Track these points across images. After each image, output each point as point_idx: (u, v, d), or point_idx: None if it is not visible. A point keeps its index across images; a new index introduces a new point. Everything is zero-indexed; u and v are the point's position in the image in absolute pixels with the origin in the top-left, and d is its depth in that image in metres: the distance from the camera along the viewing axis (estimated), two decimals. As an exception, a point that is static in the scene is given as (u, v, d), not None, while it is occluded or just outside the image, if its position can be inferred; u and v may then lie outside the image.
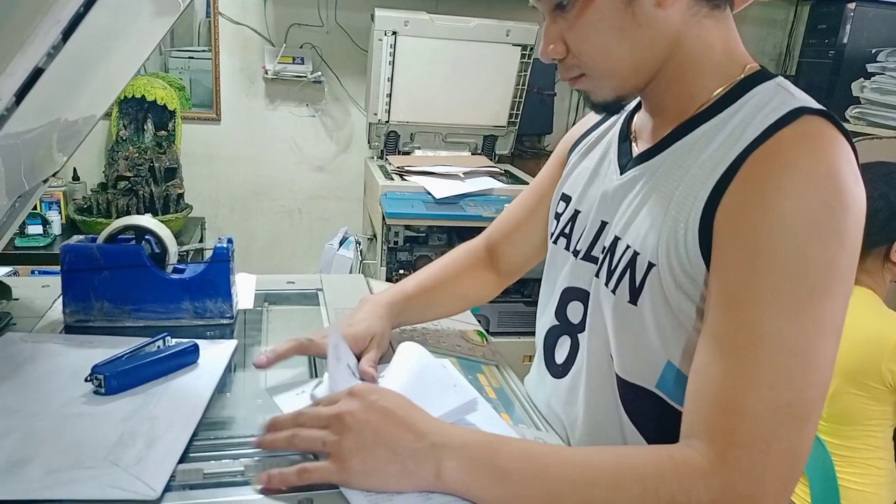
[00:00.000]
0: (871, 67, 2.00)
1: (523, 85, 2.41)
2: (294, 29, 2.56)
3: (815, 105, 0.64)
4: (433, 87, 2.36)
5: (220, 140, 2.66)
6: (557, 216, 0.88)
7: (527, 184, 2.38)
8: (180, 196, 2.38)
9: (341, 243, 2.49)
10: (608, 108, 0.75)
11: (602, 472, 0.59)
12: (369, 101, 2.39)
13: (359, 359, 0.81)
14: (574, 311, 0.82)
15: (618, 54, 0.68)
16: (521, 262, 1.00)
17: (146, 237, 0.95)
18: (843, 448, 1.35)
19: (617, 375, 0.73)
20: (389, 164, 2.37)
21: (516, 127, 2.51)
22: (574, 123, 2.85)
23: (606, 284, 0.74)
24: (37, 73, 0.63)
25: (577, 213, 0.84)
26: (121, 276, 0.92)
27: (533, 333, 0.92)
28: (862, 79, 2.03)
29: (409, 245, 2.13)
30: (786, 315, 0.57)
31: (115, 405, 0.72)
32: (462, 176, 2.20)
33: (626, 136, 0.80)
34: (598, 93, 0.73)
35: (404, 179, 2.20)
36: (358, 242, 2.42)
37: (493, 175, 2.27)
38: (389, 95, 2.34)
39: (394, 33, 2.23)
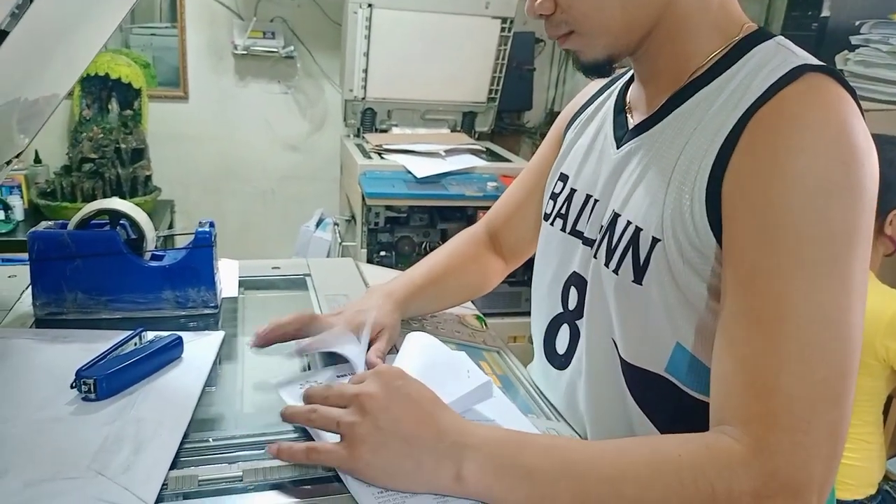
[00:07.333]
0: (854, 40, 1.98)
1: (503, 59, 2.35)
2: (264, 2, 2.46)
3: (818, 63, 0.60)
4: (411, 61, 2.29)
5: (189, 119, 2.56)
6: (554, 196, 0.84)
7: (508, 161, 2.34)
8: (148, 178, 2.29)
9: (318, 225, 2.42)
10: (598, 70, 0.70)
11: (635, 466, 0.55)
12: (344, 77, 2.31)
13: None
14: (571, 297, 0.78)
15: (610, 10, 0.64)
16: (523, 244, 0.96)
17: (121, 222, 0.89)
18: (836, 423, 1.35)
19: (622, 360, 0.69)
20: (367, 142, 2.30)
21: (496, 103, 2.46)
22: (554, 99, 2.83)
23: (607, 265, 0.70)
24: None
25: (573, 191, 0.80)
26: (95, 264, 0.85)
27: (518, 314, 0.88)
28: (846, 51, 2.02)
29: (389, 226, 2.07)
30: (812, 284, 0.53)
31: (95, 406, 0.66)
32: (443, 154, 2.14)
33: (621, 109, 0.77)
34: (588, 52, 0.68)
35: (383, 158, 2.13)
36: (336, 224, 2.35)
37: (474, 152, 2.22)
38: (365, 71, 2.27)
39: (369, 5, 2.15)
